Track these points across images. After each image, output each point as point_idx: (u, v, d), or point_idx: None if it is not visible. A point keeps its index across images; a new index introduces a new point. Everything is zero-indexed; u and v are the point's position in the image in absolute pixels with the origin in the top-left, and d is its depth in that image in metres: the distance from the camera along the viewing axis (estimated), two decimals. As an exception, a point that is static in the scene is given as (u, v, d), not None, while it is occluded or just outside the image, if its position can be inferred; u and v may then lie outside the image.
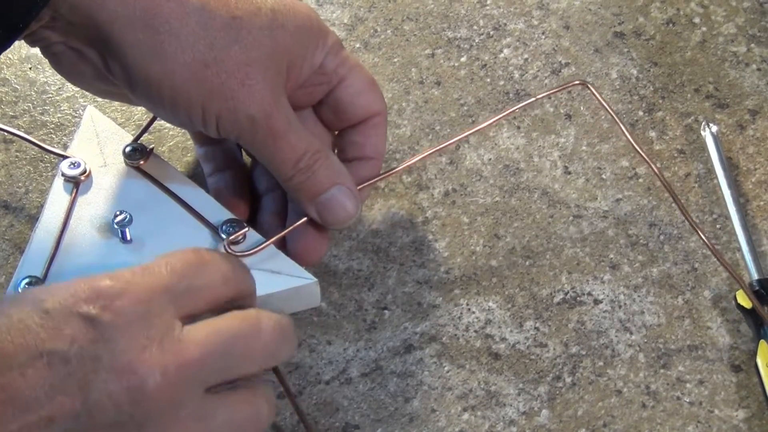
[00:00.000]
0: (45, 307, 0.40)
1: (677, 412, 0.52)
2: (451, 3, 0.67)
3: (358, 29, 0.66)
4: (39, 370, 0.39)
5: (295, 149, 0.51)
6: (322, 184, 0.52)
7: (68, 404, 0.39)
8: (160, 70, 0.48)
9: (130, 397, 0.40)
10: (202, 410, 0.42)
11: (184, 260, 0.44)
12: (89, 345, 0.40)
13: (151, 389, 0.40)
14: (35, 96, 0.63)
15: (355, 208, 0.53)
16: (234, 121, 0.49)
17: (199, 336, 0.42)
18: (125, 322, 0.40)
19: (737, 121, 0.62)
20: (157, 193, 0.55)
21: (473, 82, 0.64)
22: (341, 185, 0.52)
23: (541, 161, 0.61)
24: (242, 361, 0.44)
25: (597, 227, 0.58)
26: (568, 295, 0.56)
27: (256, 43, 0.49)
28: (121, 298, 0.41)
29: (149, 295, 0.42)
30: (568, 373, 0.53)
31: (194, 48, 0.48)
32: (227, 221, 0.53)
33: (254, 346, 0.44)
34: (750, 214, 0.59)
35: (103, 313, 0.40)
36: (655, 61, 0.65)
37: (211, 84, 0.48)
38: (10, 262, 0.57)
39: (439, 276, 0.57)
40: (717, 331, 0.55)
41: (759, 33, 0.66)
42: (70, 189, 0.54)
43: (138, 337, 0.40)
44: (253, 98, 0.49)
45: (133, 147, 0.56)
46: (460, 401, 0.53)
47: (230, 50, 0.48)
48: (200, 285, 0.44)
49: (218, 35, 0.48)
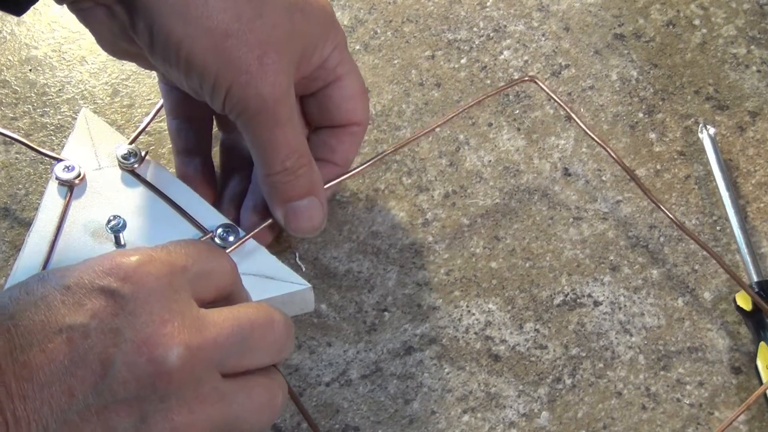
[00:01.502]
0: (66, 282, 0.40)
1: (677, 413, 0.52)
2: (451, 5, 0.67)
3: (358, 31, 0.66)
4: (59, 345, 0.39)
5: (289, 144, 0.51)
6: (300, 190, 0.52)
7: (89, 378, 0.39)
8: (183, 32, 0.48)
9: (152, 370, 0.40)
10: (222, 391, 0.42)
11: (195, 247, 0.44)
12: (110, 318, 0.40)
13: (172, 363, 0.40)
14: (35, 98, 0.63)
15: (320, 223, 0.53)
16: (243, 96, 0.49)
17: (217, 318, 0.42)
18: (146, 295, 0.40)
19: (737, 123, 0.62)
20: (151, 197, 0.54)
21: (473, 84, 0.64)
22: (315, 197, 0.53)
23: (541, 163, 0.61)
24: (256, 349, 0.44)
25: (597, 229, 0.58)
26: (568, 296, 0.56)
27: (278, 22, 0.49)
28: (141, 272, 0.41)
29: (169, 271, 0.42)
30: (568, 375, 0.53)
31: (219, 16, 0.48)
32: (221, 226, 0.53)
33: (268, 337, 0.44)
34: (750, 215, 0.59)
35: (124, 286, 0.40)
36: (655, 63, 0.65)
37: (229, 55, 0.48)
38: (10, 264, 0.57)
39: (439, 278, 0.57)
40: (717, 333, 0.55)
41: (759, 35, 0.66)
42: (64, 192, 0.54)
43: (159, 311, 0.40)
44: (266, 78, 0.49)
45: (128, 150, 0.55)
46: (460, 403, 0.53)
47: (254, 24, 0.48)
48: (211, 271, 0.44)
49: (245, 8, 0.48)
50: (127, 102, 0.63)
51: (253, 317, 0.44)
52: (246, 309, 0.44)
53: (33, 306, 0.40)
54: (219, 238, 0.53)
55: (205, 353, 0.41)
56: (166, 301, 0.41)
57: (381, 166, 0.60)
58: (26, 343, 0.39)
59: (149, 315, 0.40)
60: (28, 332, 0.39)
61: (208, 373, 0.42)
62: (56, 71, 0.64)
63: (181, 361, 0.40)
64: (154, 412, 0.40)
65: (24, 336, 0.39)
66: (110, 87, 0.64)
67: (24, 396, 0.38)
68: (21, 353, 0.38)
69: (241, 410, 0.43)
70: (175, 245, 0.44)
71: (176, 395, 0.40)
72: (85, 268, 0.41)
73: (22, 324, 0.39)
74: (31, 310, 0.39)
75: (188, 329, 0.41)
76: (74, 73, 0.64)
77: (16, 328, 0.39)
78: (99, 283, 0.40)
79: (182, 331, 0.40)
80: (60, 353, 0.39)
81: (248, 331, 0.43)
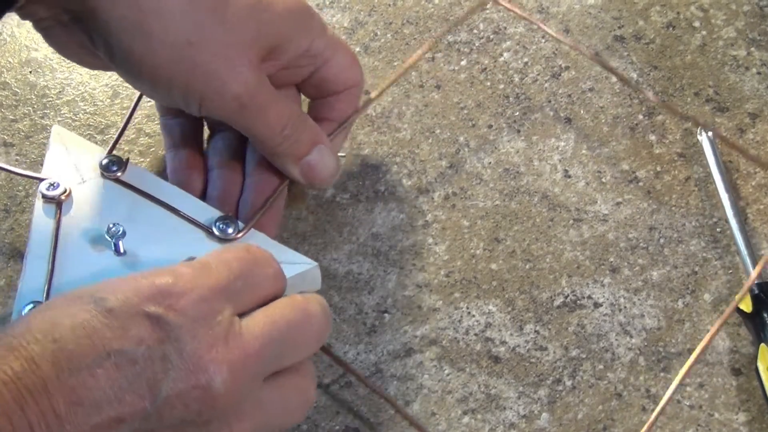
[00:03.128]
0: (108, 306, 0.40)
1: (677, 415, 0.52)
2: (451, 7, 0.68)
3: (359, 33, 0.66)
4: (108, 371, 0.39)
5: (280, 118, 0.52)
6: (305, 146, 0.53)
7: (138, 404, 0.39)
8: (143, 47, 0.48)
9: (200, 395, 0.40)
10: (260, 399, 0.43)
11: (239, 258, 0.44)
12: (157, 345, 0.40)
13: (219, 387, 0.40)
14: (35, 100, 0.63)
15: (336, 166, 0.54)
16: (221, 101, 0.50)
17: (256, 329, 0.42)
18: (190, 321, 0.41)
19: (737, 125, 0.62)
20: (141, 202, 0.53)
21: (473, 86, 0.64)
22: (321, 144, 0.54)
23: (541, 165, 0.61)
24: (296, 348, 0.44)
25: (597, 231, 0.58)
26: (568, 298, 0.56)
27: (242, 24, 0.49)
28: (184, 298, 0.41)
29: (211, 294, 0.42)
30: (568, 377, 0.53)
31: (179, 27, 0.48)
32: (218, 219, 0.53)
33: (306, 334, 0.45)
34: (750, 217, 0.59)
35: (168, 313, 0.40)
36: (655, 65, 0.65)
37: (195, 64, 0.48)
38: (10, 266, 0.57)
39: (439, 279, 0.57)
40: (717, 334, 0.55)
41: (759, 37, 0.66)
42: (52, 210, 0.53)
43: (204, 336, 0.41)
44: (238, 78, 0.49)
45: (109, 159, 0.54)
46: (460, 404, 0.53)
47: (216, 30, 0.48)
48: (255, 283, 0.44)
49: (205, 15, 0.48)
50: (127, 104, 0.63)
51: (289, 317, 0.44)
52: (282, 309, 0.44)
53: (77, 329, 0.39)
54: (218, 230, 0.52)
55: (248, 369, 0.41)
56: (209, 326, 0.41)
57: (381, 168, 0.60)
58: (74, 367, 0.38)
59: (194, 341, 0.40)
60: (75, 356, 0.38)
61: (251, 386, 0.42)
62: (56, 73, 0.64)
63: (226, 385, 0.40)
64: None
65: (71, 360, 0.38)
66: (110, 89, 0.64)
67: (74, 421, 0.38)
68: (69, 377, 0.38)
69: (276, 414, 0.44)
70: (217, 261, 0.44)
71: (219, 418, 0.41)
72: (125, 291, 0.41)
73: (68, 348, 0.38)
74: (75, 334, 0.39)
75: (232, 350, 0.41)
76: (74, 75, 0.64)
77: (62, 351, 0.38)
78: (144, 309, 0.40)
79: (226, 353, 0.41)
80: (109, 379, 0.39)
81: (286, 334, 0.43)
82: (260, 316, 0.43)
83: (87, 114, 0.63)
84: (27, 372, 0.38)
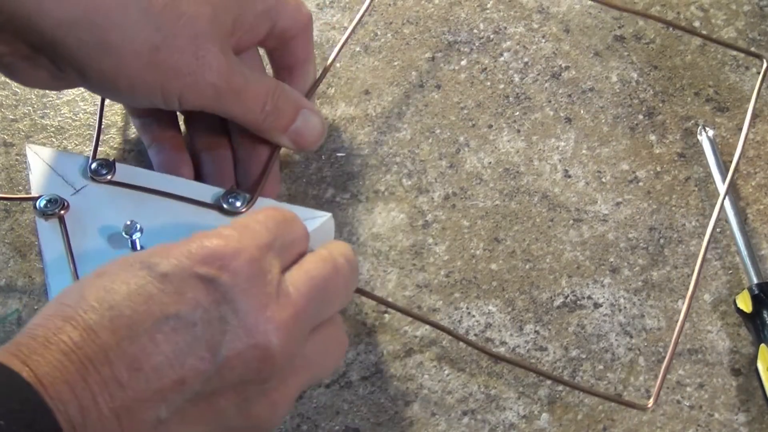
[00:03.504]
0: (161, 270, 0.40)
1: (677, 415, 0.52)
2: (452, 7, 0.68)
3: (359, 33, 0.66)
4: (167, 335, 0.39)
5: (259, 96, 0.53)
6: (289, 114, 0.54)
7: (199, 366, 0.39)
8: (113, 63, 0.48)
9: (258, 354, 0.40)
10: (307, 353, 0.44)
11: (273, 218, 0.45)
12: (212, 307, 0.40)
13: (275, 345, 0.41)
14: (35, 99, 0.63)
15: (323, 125, 0.56)
16: (198, 94, 0.51)
17: (299, 285, 0.43)
18: (243, 282, 0.41)
19: (737, 125, 0.62)
20: (142, 197, 0.54)
21: (473, 86, 0.64)
22: (304, 108, 0.55)
23: (541, 165, 0.61)
24: (332, 301, 0.45)
25: (597, 231, 0.58)
26: (568, 298, 0.56)
27: (199, 12, 0.50)
28: (236, 258, 0.41)
29: (259, 254, 0.42)
30: (569, 377, 0.53)
31: (140, 35, 0.48)
32: (225, 195, 0.53)
33: (339, 285, 0.45)
34: (750, 217, 0.59)
35: (222, 274, 0.41)
36: (655, 65, 0.65)
37: (166, 65, 0.49)
38: (11, 266, 0.57)
39: (439, 279, 0.57)
40: (717, 334, 0.55)
41: (759, 37, 0.66)
42: (56, 226, 0.52)
43: (257, 295, 0.41)
44: (210, 67, 0.50)
45: (98, 163, 0.54)
46: (460, 405, 0.53)
47: (176, 27, 0.49)
48: (291, 240, 0.45)
49: (161, 16, 0.49)
50: (127, 104, 0.63)
51: (323, 271, 0.45)
52: (314, 264, 0.45)
53: (132, 296, 0.39)
54: (228, 205, 0.52)
55: (298, 326, 0.42)
56: (261, 285, 0.41)
57: (381, 168, 0.60)
58: (133, 334, 0.38)
59: (249, 301, 0.41)
60: (133, 323, 0.39)
61: (302, 341, 0.43)
62: (56, 73, 0.64)
63: (282, 343, 0.41)
64: (257, 392, 0.42)
65: (129, 327, 0.39)
66: (110, 89, 0.64)
67: (136, 387, 0.38)
68: (129, 344, 0.38)
69: (320, 365, 0.45)
70: (255, 222, 0.44)
71: (276, 374, 0.42)
72: (177, 255, 0.41)
73: (125, 314, 0.39)
74: (132, 300, 0.39)
75: (283, 308, 0.42)
76: (74, 75, 0.64)
77: (120, 318, 0.39)
78: (197, 272, 0.40)
79: (279, 311, 0.41)
80: (169, 343, 0.39)
81: (323, 288, 0.44)
82: (299, 272, 0.44)
83: (87, 114, 0.63)
84: (87, 341, 0.38)
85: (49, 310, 0.39)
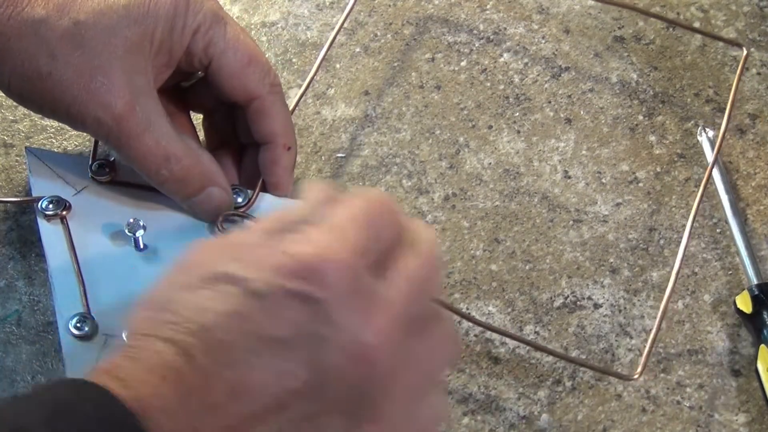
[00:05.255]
0: (252, 288, 0.38)
1: (677, 416, 0.52)
2: (451, 7, 0.68)
3: (359, 33, 0.66)
4: (264, 359, 0.37)
5: (154, 153, 0.50)
6: (193, 188, 0.52)
7: (300, 388, 0.38)
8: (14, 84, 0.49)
9: (359, 370, 0.38)
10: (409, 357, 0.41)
11: (366, 212, 0.42)
12: (311, 325, 0.38)
13: (376, 357, 0.39)
14: (36, 100, 0.63)
15: (227, 205, 0.53)
16: (83, 124, 0.50)
17: (393, 286, 0.40)
18: (338, 295, 0.39)
19: (737, 126, 0.62)
20: (144, 195, 0.53)
21: (473, 87, 0.64)
22: (213, 186, 0.52)
23: (541, 165, 0.61)
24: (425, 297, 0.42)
25: (597, 231, 0.58)
26: (568, 299, 0.56)
27: (103, 46, 0.49)
28: (329, 270, 0.39)
29: (351, 261, 0.39)
30: (568, 378, 0.53)
31: (32, 61, 0.48)
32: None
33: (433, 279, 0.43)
34: (750, 218, 0.59)
35: (316, 291, 0.38)
36: (655, 66, 0.65)
37: (52, 94, 0.49)
38: (11, 266, 0.57)
39: (439, 280, 0.57)
40: (717, 335, 0.55)
41: (759, 37, 0.66)
42: (59, 227, 0.53)
43: (354, 308, 0.39)
44: (98, 101, 0.49)
45: (98, 163, 0.54)
46: (460, 405, 0.53)
47: (71, 57, 0.48)
48: (379, 236, 0.42)
49: (59, 45, 0.48)
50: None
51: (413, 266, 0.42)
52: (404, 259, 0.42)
53: (227, 318, 0.38)
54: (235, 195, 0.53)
55: (397, 330, 0.40)
56: (356, 294, 0.39)
57: (381, 169, 0.60)
58: (230, 359, 0.37)
59: (346, 314, 0.38)
60: (231, 347, 0.37)
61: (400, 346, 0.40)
62: (57, 74, 0.64)
63: (382, 352, 0.39)
64: (363, 410, 0.39)
65: (228, 352, 0.37)
66: (110, 89, 0.64)
67: (235, 412, 0.37)
68: (227, 369, 0.37)
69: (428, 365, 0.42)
70: (350, 222, 0.41)
71: (378, 387, 0.39)
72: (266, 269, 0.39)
73: (222, 338, 0.37)
74: (227, 322, 0.38)
75: (380, 315, 0.39)
76: (74, 76, 0.64)
77: (217, 342, 0.37)
78: (291, 289, 0.38)
79: (377, 320, 0.39)
80: (266, 366, 0.37)
81: (417, 286, 0.41)
82: (393, 273, 0.41)
83: (87, 114, 0.63)
84: (186, 367, 0.37)
85: (143, 326, 0.38)
